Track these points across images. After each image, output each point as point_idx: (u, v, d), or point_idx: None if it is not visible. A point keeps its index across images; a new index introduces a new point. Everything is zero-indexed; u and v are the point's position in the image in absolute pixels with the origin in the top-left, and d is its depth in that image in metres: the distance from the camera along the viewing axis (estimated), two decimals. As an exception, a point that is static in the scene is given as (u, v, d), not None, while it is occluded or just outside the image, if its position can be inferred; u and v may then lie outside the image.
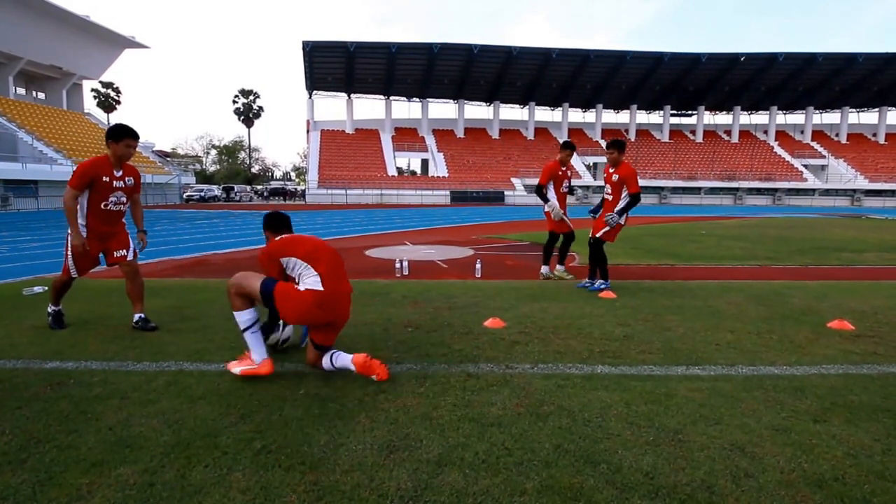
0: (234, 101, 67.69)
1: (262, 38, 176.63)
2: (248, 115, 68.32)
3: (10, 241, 11.60)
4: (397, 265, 6.96)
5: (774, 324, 4.38)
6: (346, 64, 45.93)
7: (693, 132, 55.64)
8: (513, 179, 44.96)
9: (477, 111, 56.35)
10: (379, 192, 41.62)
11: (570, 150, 6.42)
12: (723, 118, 57.32)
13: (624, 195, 5.78)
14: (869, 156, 50.99)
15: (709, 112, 55.82)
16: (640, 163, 47.79)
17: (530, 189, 43.63)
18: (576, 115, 56.28)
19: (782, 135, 55.66)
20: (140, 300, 4.14)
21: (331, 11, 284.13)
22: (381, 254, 9.30)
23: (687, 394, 2.85)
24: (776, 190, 46.90)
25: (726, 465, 2.11)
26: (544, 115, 56.13)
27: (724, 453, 2.21)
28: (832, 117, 56.45)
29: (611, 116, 57.28)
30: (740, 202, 46.13)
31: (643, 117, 57.32)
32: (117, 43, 42.41)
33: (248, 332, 3.05)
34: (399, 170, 50.13)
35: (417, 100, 52.66)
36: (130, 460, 2.12)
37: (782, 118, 56.88)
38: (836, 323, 4.29)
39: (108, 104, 63.20)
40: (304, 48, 43.21)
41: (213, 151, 76.67)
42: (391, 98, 52.11)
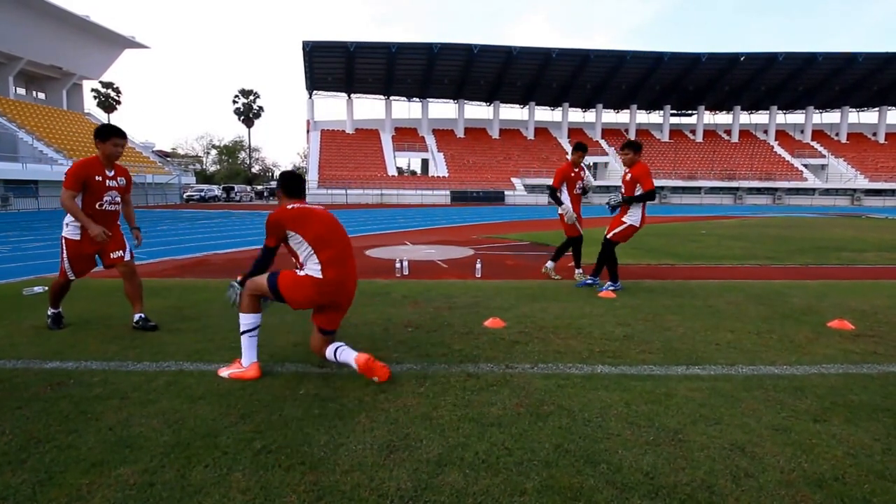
0: (234, 101, 67.62)
1: (262, 39, 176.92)
2: (248, 115, 68.26)
3: (11, 242, 11.60)
4: (397, 265, 6.96)
5: (774, 323, 4.38)
6: (346, 64, 45.95)
7: (693, 132, 55.63)
8: (513, 179, 44.93)
9: (477, 111, 56.48)
10: (379, 192, 41.60)
11: (582, 151, 6.41)
12: (723, 118, 57.39)
13: (637, 191, 5.77)
14: (869, 155, 50.99)
15: (709, 112, 55.80)
16: (640, 163, 47.70)
17: (530, 189, 43.64)
18: (576, 115, 56.34)
19: (782, 134, 55.66)
20: (139, 300, 4.14)
21: (331, 11, 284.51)
22: (382, 254, 9.30)
23: (687, 393, 2.85)
24: (776, 189, 46.90)
25: (726, 465, 2.11)
26: (544, 114, 56.18)
27: (724, 453, 2.21)
28: (832, 117, 56.49)
29: (611, 116, 57.31)
30: (740, 202, 46.11)
31: (643, 117, 57.32)
32: (117, 43, 42.41)
33: (247, 336, 3.09)
34: (399, 170, 50.11)
35: (417, 100, 52.65)
36: (130, 460, 2.12)
37: (782, 118, 56.89)
38: (836, 322, 4.30)
39: (108, 104, 63.10)
40: (304, 48, 43.23)
41: (214, 151, 76.73)
42: (391, 98, 52.11)
